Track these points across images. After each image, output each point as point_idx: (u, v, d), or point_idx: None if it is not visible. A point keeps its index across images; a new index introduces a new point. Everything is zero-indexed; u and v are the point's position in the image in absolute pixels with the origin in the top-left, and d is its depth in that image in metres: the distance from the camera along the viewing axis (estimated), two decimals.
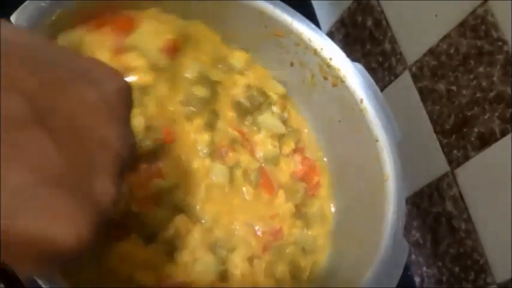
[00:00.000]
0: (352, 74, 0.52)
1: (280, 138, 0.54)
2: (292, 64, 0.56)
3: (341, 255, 0.52)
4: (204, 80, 0.53)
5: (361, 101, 0.52)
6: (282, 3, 0.53)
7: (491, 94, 0.54)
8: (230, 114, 0.53)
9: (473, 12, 0.54)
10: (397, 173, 0.49)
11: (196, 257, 0.45)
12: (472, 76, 0.56)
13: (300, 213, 0.52)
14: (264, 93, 0.55)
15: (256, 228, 0.49)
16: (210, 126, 0.51)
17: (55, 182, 0.25)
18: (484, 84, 0.55)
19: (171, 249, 0.45)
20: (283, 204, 0.51)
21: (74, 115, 0.27)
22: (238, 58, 0.56)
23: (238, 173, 0.51)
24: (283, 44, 0.54)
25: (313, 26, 0.54)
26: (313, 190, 0.55)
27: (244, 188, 0.50)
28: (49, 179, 0.24)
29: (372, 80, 0.53)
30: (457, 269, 0.61)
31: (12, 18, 0.43)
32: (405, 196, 0.50)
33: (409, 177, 0.52)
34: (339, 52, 0.53)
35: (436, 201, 0.63)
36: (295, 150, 0.55)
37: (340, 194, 0.55)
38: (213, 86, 0.53)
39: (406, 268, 0.54)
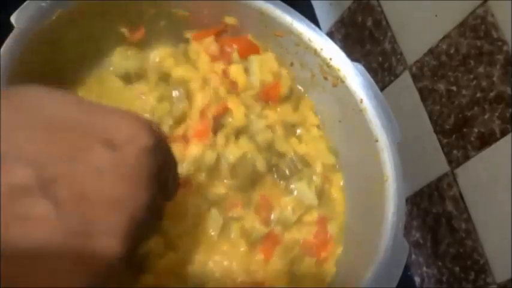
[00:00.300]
0: (352, 74, 0.52)
1: (307, 207, 0.51)
2: (292, 64, 0.56)
3: (341, 257, 0.51)
4: (268, 149, 0.51)
5: (361, 101, 0.52)
6: (282, 3, 0.53)
7: (491, 94, 0.54)
8: (267, 180, 0.51)
9: (473, 12, 0.54)
10: (397, 173, 0.49)
11: (161, 284, 0.43)
12: (472, 76, 0.56)
13: (291, 268, 0.49)
14: (307, 164, 0.52)
15: (236, 276, 0.47)
16: (241, 189, 0.49)
17: (53, 247, 0.26)
18: (484, 84, 0.55)
19: (138, 271, 0.43)
20: (276, 263, 0.49)
21: (82, 181, 0.27)
22: (310, 128, 0.54)
23: (236, 227, 0.48)
24: (283, 44, 0.54)
25: (313, 26, 0.54)
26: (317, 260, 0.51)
27: (236, 241, 0.48)
28: (47, 245, 0.26)
29: (372, 80, 0.53)
30: (457, 269, 0.61)
31: (12, 18, 0.43)
32: (405, 196, 0.50)
33: (409, 177, 0.52)
34: (339, 52, 0.53)
35: (436, 201, 0.63)
36: (317, 221, 0.51)
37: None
38: (271, 158, 0.50)
39: (406, 268, 0.54)
